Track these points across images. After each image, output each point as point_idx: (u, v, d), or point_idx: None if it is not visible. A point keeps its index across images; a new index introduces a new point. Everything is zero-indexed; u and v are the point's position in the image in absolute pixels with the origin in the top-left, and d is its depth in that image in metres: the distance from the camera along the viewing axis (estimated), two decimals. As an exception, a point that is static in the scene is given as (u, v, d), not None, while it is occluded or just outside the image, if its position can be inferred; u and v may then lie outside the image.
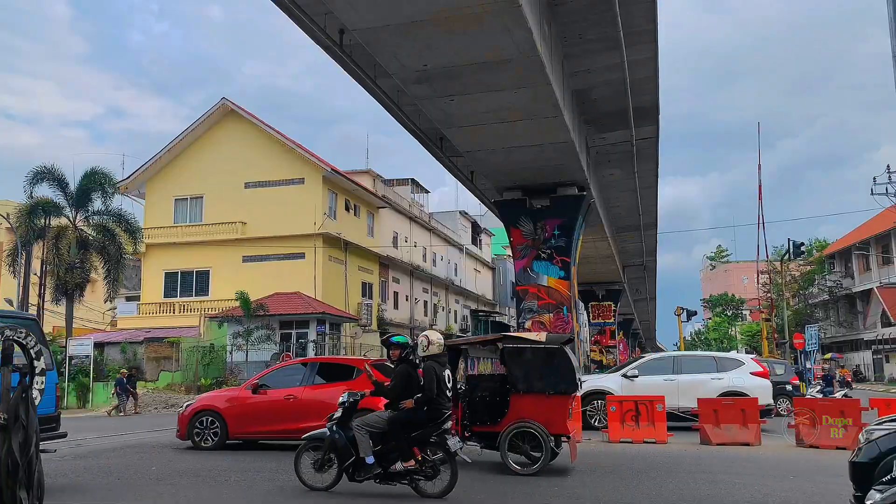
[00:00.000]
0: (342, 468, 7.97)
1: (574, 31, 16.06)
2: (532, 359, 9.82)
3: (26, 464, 3.90)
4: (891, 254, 47.14)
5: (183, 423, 12.40)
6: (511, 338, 10.45)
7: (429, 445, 7.80)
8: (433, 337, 8.24)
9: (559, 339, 10.22)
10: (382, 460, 7.80)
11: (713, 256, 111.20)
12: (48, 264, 29.90)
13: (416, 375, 8.08)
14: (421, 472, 7.71)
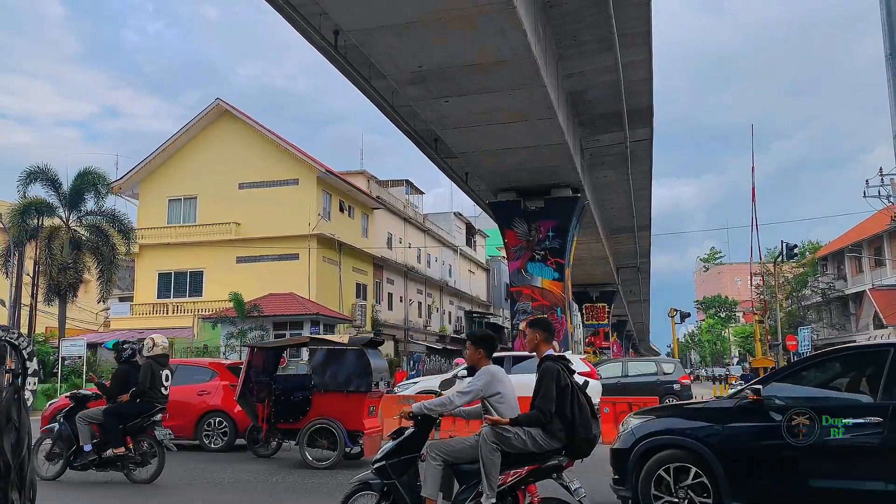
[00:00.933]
0: (66, 457, 8.80)
1: (568, 33, 16.10)
2: (332, 359, 10.56)
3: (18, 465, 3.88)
4: (883, 256, 47.34)
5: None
6: (315, 339, 11.62)
7: (141, 436, 8.70)
8: (158, 340, 9.24)
9: (360, 341, 10.96)
10: (101, 449, 8.70)
11: (707, 258, 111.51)
12: (41, 265, 29.76)
13: (135, 374, 8.95)
14: (131, 459, 8.60)
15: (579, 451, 5.07)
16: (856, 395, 6.21)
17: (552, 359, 5.25)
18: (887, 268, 46.91)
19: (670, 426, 6.60)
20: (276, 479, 9.25)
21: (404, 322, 43.36)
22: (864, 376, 6.16)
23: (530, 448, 4.97)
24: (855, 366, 6.50)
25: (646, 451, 6.41)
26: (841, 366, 6.65)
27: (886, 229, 42.39)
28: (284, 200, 34.21)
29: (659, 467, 6.26)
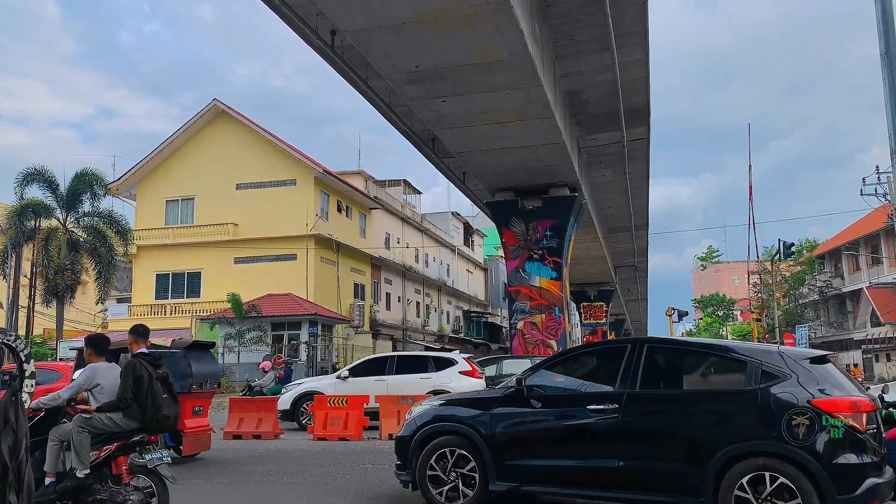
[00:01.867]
0: None
1: (565, 33, 16.11)
2: None
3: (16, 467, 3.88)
4: (880, 254, 47.44)
5: None
6: None
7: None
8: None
9: (182, 344, 11.37)
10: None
11: (704, 257, 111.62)
12: (38, 266, 29.73)
13: None
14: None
15: (154, 429, 6.28)
16: (601, 384, 6.95)
17: (136, 356, 6.48)
18: (884, 265, 47.01)
19: (447, 414, 7.21)
20: None
21: (402, 322, 43.37)
22: (608, 368, 6.86)
23: (113, 429, 6.13)
24: (603, 359, 7.25)
25: (425, 437, 7.06)
26: (592, 359, 7.46)
27: (883, 227, 42.47)
28: (282, 201, 34.20)
29: (435, 452, 6.93)
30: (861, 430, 5.68)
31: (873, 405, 6.00)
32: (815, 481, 5.52)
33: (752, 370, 6.15)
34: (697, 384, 6.71)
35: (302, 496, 8.17)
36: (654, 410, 6.36)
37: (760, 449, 5.77)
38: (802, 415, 5.72)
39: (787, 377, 5.99)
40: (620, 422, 6.27)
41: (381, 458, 10.85)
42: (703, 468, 5.84)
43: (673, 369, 6.80)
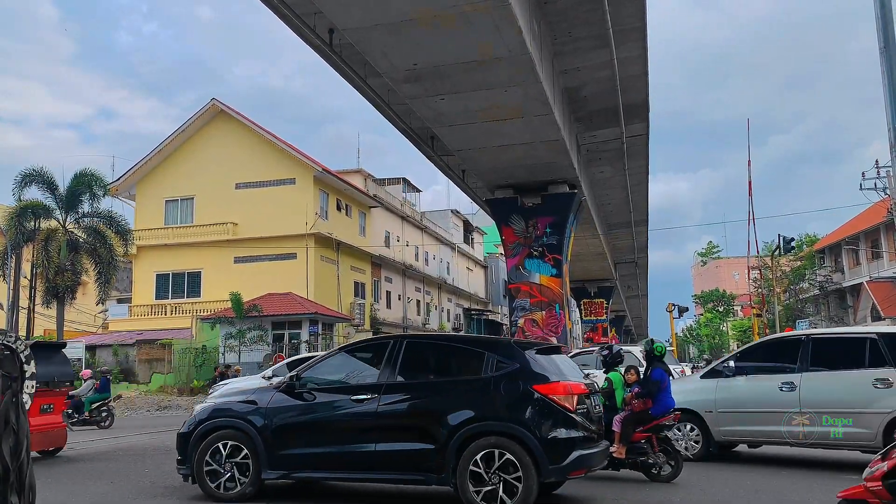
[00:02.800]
0: None
1: (564, 29, 16.10)
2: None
3: (17, 468, 3.87)
4: (880, 248, 47.43)
5: None
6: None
7: None
8: None
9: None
10: None
11: (704, 253, 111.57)
12: (38, 267, 29.70)
13: None
14: None
15: None
16: (365, 376, 7.57)
17: None
18: (884, 260, 47.01)
19: (224, 409, 7.68)
20: None
21: (403, 320, 43.37)
22: (372, 362, 7.56)
23: None
24: (370, 354, 7.89)
25: (204, 433, 7.48)
26: (361, 354, 8.03)
27: (883, 221, 42.46)
28: (281, 200, 34.18)
29: (211, 447, 7.37)
30: (571, 410, 6.67)
31: (586, 389, 7.06)
32: (533, 455, 6.41)
33: (487, 360, 7.05)
34: (444, 374, 7.47)
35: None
36: (406, 398, 7.08)
37: (492, 429, 6.63)
38: (526, 398, 6.62)
39: (515, 366, 6.91)
40: (377, 410, 6.99)
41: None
42: (445, 448, 6.64)
43: (425, 361, 7.62)
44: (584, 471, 6.69)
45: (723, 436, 10.08)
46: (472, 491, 6.49)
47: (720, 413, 10.03)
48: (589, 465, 6.73)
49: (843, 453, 10.14)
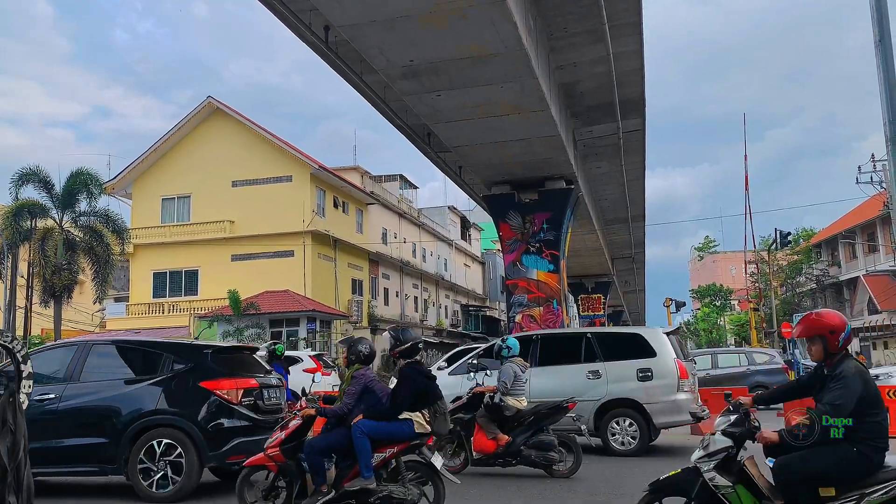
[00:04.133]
0: None
1: (559, 24, 16.09)
2: None
3: (14, 468, 3.88)
4: (876, 242, 47.52)
5: None
6: None
7: None
8: None
9: None
10: None
11: (701, 247, 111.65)
12: (35, 266, 29.66)
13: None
14: None
15: None
16: (57, 377, 8.04)
17: None
18: (881, 253, 47.11)
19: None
20: None
21: (401, 317, 43.38)
22: (64, 364, 8.06)
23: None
24: (58, 356, 8.31)
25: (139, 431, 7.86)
26: (53, 355, 8.45)
27: (879, 215, 42.52)
28: (278, 197, 34.14)
29: (145, 445, 7.70)
30: (235, 402, 7.54)
31: (256, 384, 7.79)
32: (195, 443, 7.31)
33: (164, 361, 7.88)
34: (123, 374, 8.07)
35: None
36: (83, 397, 7.79)
37: (161, 422, 7.48)
38: (193, 393, 7.47)
39: (189, 365, 7.76)
40: (60, 408, 7.72)
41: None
42: (118, 441, 7.46)
43: (108, 363, 8.25)
44: (243, 456, 7.02)
45: None
46: (142, 478, 7.38)
47: None
48: (249, 451, 7.02)
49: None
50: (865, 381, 4.30)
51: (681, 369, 10.17)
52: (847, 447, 4.18)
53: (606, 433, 10.30)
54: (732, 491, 4.41)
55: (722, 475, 4.43)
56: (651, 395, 10.10)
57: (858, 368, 4.37)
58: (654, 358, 10.21)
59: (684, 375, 10.17)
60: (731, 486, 4.41)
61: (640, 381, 10.19)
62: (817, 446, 4.19)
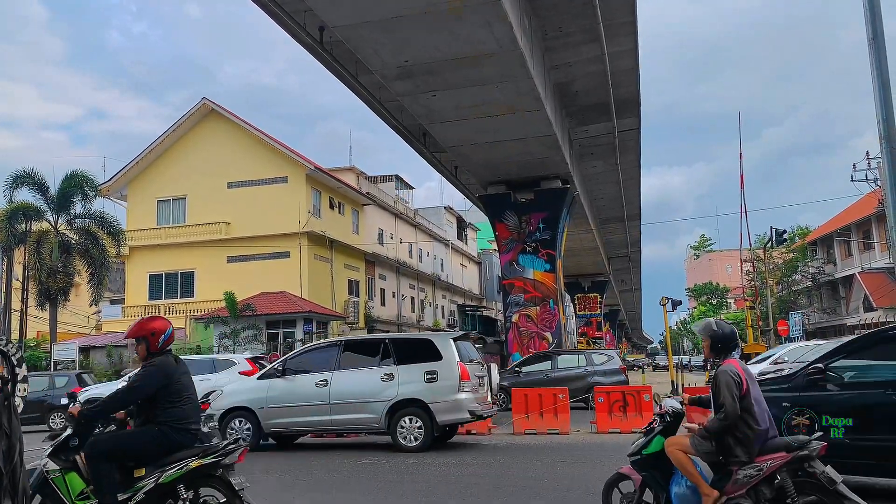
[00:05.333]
0: None
1: (554, 24, 16.10)
2: None
3: (10, 472, 3.86)
4: (871, 239, 47.65)
5: None
6: None
7: None
8: None
9: None
10: None
11: (697, 246, 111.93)
12: (30, 269, 29.58)
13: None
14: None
15: None
16: None
17: None
18: (876, 251, 47.23)
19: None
20: None
21: (397, 317, 43.37)
22: None
23: None
24: None
25: None
26: None
27: (874, 212, 42.64)
28: (274, 199, 34.10)
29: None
30: None
31: None
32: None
33: None
34: None
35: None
36: None
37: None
38: None
39: None
40: None
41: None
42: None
43: None
44: None
45: (271, 428, 11.95)
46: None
47: (270, 409, 11.85)
48: None
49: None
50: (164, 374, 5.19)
51: (463, 371, 11.22)
52: (151, 428, 5.11)
53: (396, 431, 11.22)
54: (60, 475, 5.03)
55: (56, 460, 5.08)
56: (435, 394, 11.13)
57: None
58: (441, 361, 11.25)
59: (465, 377, 11.23)
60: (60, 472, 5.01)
61: (426, 383, 11.21)
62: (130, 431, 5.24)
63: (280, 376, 12.02)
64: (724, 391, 5.12)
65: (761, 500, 5.09)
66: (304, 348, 13.60)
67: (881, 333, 7.26)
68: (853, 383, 6.90)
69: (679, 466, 5.34)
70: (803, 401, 6.87)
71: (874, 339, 7.17)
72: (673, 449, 5.36)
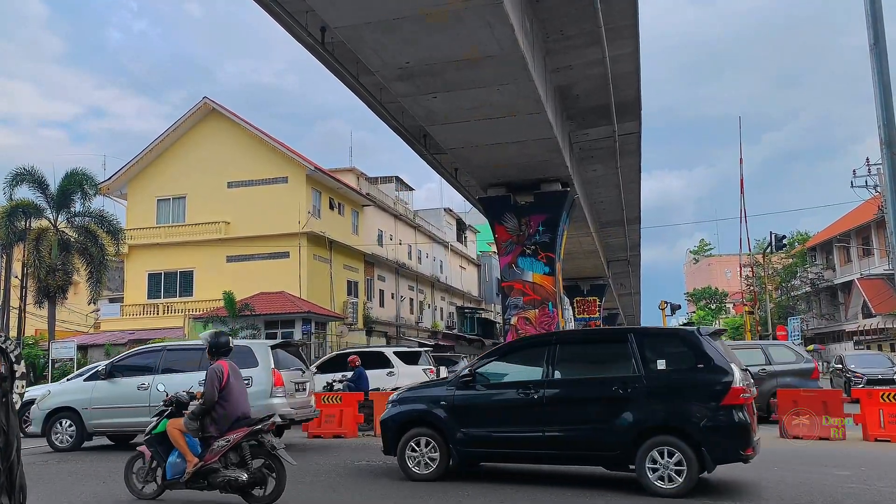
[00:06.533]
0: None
1: (555, 27, 16.10)
2: None
3: (7, 469, 3.85)
4: (871, 245, 47.68)
5: None
6: None
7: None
8: None
9: None
10: None
11: (696, 250, 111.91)
12: (29, 267, 29.57)
13: None
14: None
15: None
16: None
17: None
18: (875, 257, 47.26)
19: None
20: None
21: (396, 319, 43.36)
22: None
23: None
24: None
25: None
26: None
27: (874, 219, 42.68)
28: (274, 199, 34.10)
29: None
30: None
31: None
32: None
33: None
34: None
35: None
36: None
37: None
38: None
39: None
40: None
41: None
42: None
43: None
44: None
45: (94, 427, 12.63)
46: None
47: (94, 409, 12.49)
48: None
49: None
50: None
51: (276, 378, 11.77)
52: None
53: None
54: None
55: None
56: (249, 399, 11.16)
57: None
58: (257, 368, 11.69)
59: (279, 383, 11.77)
60: None
61: None
62: None
63: (105, 379, 12.66)
64: (207, 384, 7.32)
65: (229, 464, 7.12)
66: (132, 352, 14.07)
67: (516, 343, 10.29)
68: (495, 384, 8.73)
69: (173, 441, 7.28)
70: (458, 399, 8.64)
71: (511, 348, 10.01)
72: (171, 428, 7.32)
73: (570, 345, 8.91)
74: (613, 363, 8.31)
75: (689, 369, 7.87)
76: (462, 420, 8.50)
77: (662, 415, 7.68)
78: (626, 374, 7.98)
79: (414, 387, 10.01)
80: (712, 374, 7.69)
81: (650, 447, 7.57)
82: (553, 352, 8.48)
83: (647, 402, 7.74)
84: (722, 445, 7.49)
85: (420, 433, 8.69)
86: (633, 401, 7.76)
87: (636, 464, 7.63)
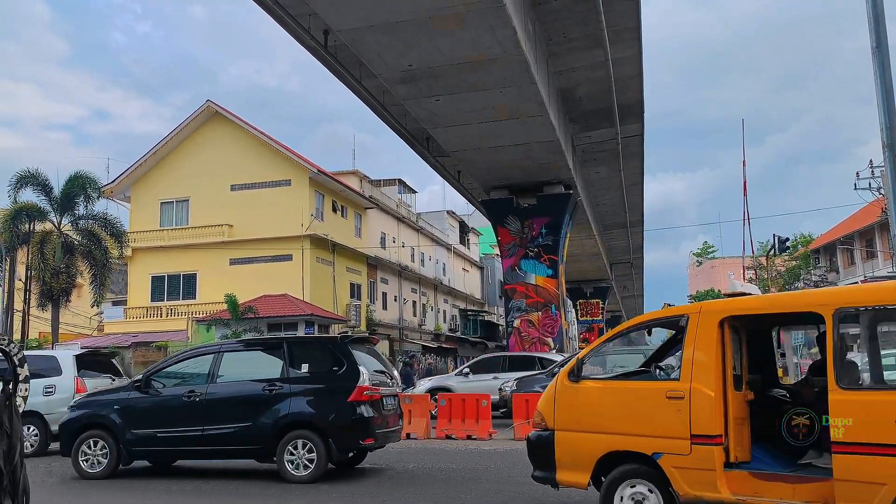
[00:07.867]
0: None
1: (558, 30, 16.12)
2: None
3: (10, 472, 3.86)
4: (874, 248, 47.57)
5: None
6: None
7: None
8: None
9: None
10: None
11: (699, 253, 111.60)
12: (33, 270, 29.60)
13: None
14: None
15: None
16: None
17: None
18: (879, 259, 47.16)
19: None
20: None
21: (399, 321, 43.34)
22: None
23: None
24: None
25: None
26: None
27: (877, 221, 42.57)
28: (277, 201, 34.13)
29: None
30: None
31: None
32: None
33: None
34: None
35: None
36: None
37: None
38: None
39: None
40: None
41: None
42: None
43: None
44: None
45: None
46: None
47: None
48: None
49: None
50: None
51: (78, 386, 12.31)
52: None
53: None
54: None
55: None
56: (51, 406, 12.06)
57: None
58: (60, 377, 12.42)
59: (80, 390, 12.05)
60: None
61: (44, 396, 12.22)
62: None
63: None
64: None
65: None
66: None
67: (189, 351, 10.38)
68: (167, 388, 9.50)
69: None
70: (131, 402, 9.38)
71: (185, 356, 10.11)
72: None
73: (235, 352, 10.00)
74: (268, 368, 9.36)
75: (327, 372, 9.12)
76: (133, 422, 9.28)
77: (299, 412, 8.83)
78: (274, 376, 9.13)
79: (95, 392, 10.67)
80: (345, 376, 8.92)
81: (288, 440, 8.70)
82: (219, 359, 9.44)
83: (288, 401, 8.87)
84: (345, 436, 8.76)
85: (92, 435, 9.38)
86: (276, 400, 8.89)
87: (277, 456, 8.74)
